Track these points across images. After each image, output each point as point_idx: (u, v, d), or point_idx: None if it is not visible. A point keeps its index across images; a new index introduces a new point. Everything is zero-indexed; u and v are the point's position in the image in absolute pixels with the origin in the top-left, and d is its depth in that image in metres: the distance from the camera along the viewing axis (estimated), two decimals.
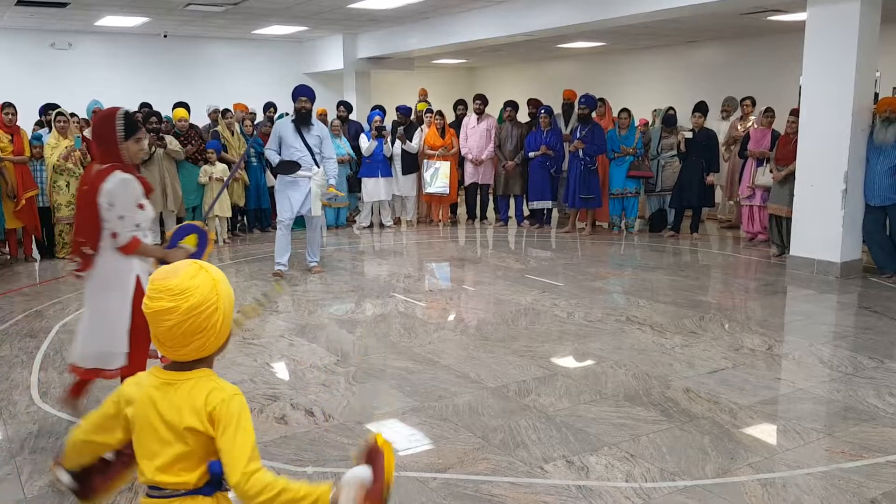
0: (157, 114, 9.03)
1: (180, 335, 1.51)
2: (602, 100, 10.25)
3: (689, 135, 9.14)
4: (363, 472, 1.58)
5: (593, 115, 9.65)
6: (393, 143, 10.24)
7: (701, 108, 9.18)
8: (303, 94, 6.87)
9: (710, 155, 9.08)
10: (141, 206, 3.44)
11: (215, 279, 1.56)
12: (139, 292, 3.36)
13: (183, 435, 1.54)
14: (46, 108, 8.65)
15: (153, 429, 1.56)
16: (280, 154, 6.87)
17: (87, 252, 3.40)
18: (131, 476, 1.77)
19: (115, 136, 3.40)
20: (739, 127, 9.66)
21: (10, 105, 8.04)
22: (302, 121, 6.85)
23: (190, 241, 3.75)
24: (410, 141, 10.24)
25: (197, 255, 3.70)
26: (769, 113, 8.78)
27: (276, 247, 7.16)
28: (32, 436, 3.63)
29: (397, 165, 10.28)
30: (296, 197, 6.89)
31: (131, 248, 3.39)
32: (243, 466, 1.49)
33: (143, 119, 8.93)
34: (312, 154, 6.84)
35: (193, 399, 1.54)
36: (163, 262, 3.31)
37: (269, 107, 10.66)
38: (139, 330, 3.39)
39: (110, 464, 1.77)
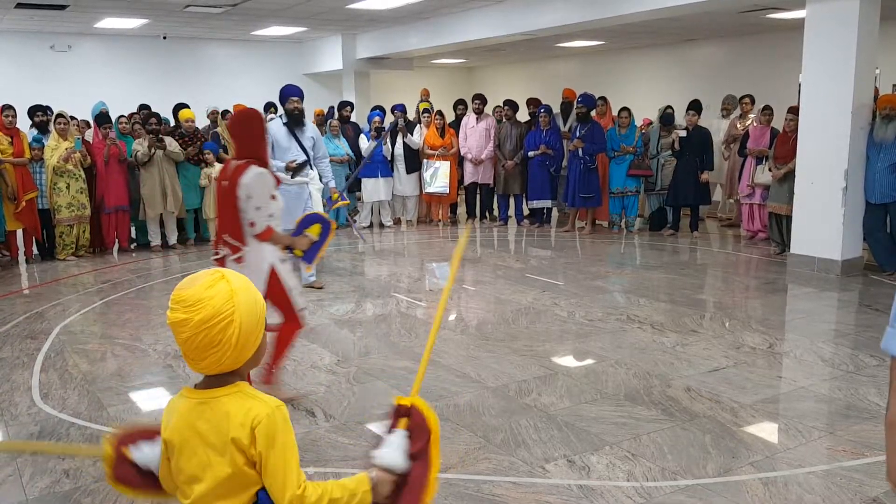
0: (157, 115, 9.03)
1: (195, 348, 1.44)
2: (603, 98, 10.25)
3: (683, 133, 9.15)
4: (397, 445, 1.57)
5: (592, 113, 9.65)
6: (394, 142, 10.23)
7: (695, 107, 9.18)
8: (293, 93, 6.46)
9: (704, 153, 9.08)
10: (273, 198, 3.72)
11: (233, 290, 1.45)
12: (273, 278, 3.76)
13: (228, 451, 1.45)
14: (35, 110, 8.60)
15: (194, 452, 1.48)
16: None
17: (233, 242, 3.72)
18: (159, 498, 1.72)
19: (256, 132, 3.77)
20: (739, 125, 9.65)
21: (10, 107, 8.05)
22: (296, 122, 6.51)
23: (314, 231, 4.05)
24: (412, 135, 10.24)
25: (319, 243, 4.06)
26: (767, 111, 8.78)
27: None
28: (34, 437, 3.63)
29: (400, 165, 10.28)
30: (298, 206, 6.40)
31: (266, 236, 3.71)
32: (294, 488, 1.44)
33: (143, 121, 8.95)
34: (308, 156, 6.53)
35: (233, 414, 1.45)
36: (289, 248, 3.90)
37: (270, 107, 10.67)
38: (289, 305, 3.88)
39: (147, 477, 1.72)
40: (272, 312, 3.77)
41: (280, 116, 6.54)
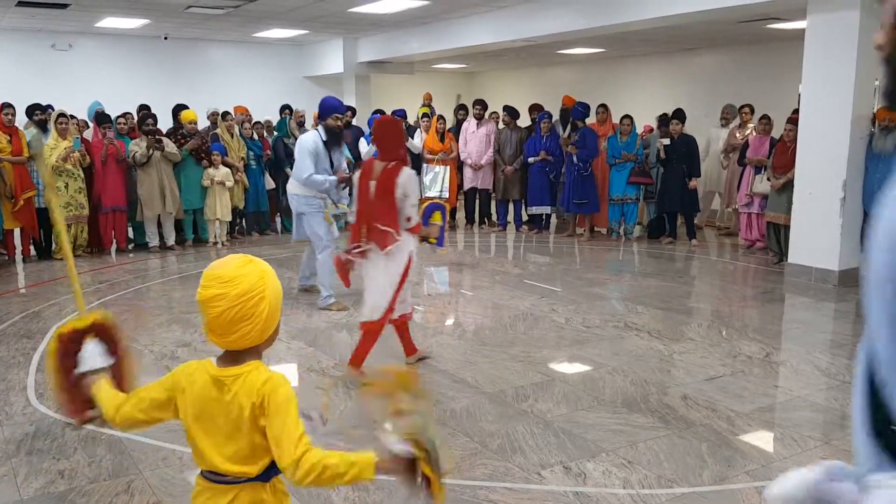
0: (154, 116, 9.03)
1: (228, 322, 1.56)
2: (604, 106, 10.27)
3: (667, 142, 9.17)
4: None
5: (588, 121, 9.69)
6: None
7: (678, 116, 9.22)
8: (337, 109, 5.89)
9: (690, 161, 9.10)
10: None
11: (263, 270, 1.61)
12: (407, 267, 4.29)
13: (250, 427, 1.58)
14: (34, 109, 8.62)
15: (215, 424, 1.61)
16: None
17: (390, 232, 4.17)
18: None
19: (398, 137, 4.34)
20: (738, 135, 9.68)
21: (9, 106, 8.04)
22: (336, 140, 5.97)
23: (437, 218, 4.62)
24: (412, 139, 10.25)
25: (443, 227, 4.70)
26: (765, 120, 8.80)
27: (325, 273, 6.03)
28: (29, 437, 3.62)
29: None
30: (320, 217, 6.12)
31: (417, 229, 4.29)
32: (292, 452, 1.54)
33: (139, 121, 8.95)
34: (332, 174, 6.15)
35: (248, 391, 1.58)
36: (424, 238, 4.59)
37: (285, 108, 10.65)
38: (396, 293, 4.30)
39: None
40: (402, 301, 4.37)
41: (317, 130, 6.02)
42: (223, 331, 1.58)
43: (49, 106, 8.72)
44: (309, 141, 5.94)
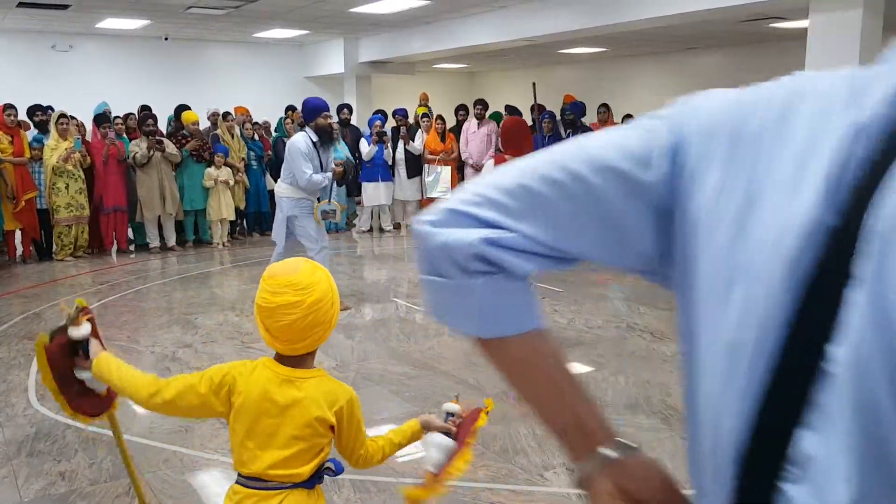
0: (154, 116, 9.02)
1: (300, 329, 1.56)
2: (605, 106, 10.25)
3: None
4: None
5: (584, 120, 9.69)
6: (395, 147, 10.23)
7: None
8: (325, 107, 5.93)
9: None
10: None
11: (328, 275, 1.64)
12: None
13: (311, 427, 1.60)
14: (34, 110, 8.63)
15: (273, 425, 1.60)
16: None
17: None
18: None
19: (528, 136, 5.06)
20: None
21: (11, 106, 8.05)
22: (329, 140, 6.00)
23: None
24: (413, 141, 10.24)
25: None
26: None
27: None
28: (29, 439, 3.61)
29: (401, 169, 10.27)
30: (310, 218, 6.11)
31: None
32: (358, 454, 1.73)
33: (140, 122, 8.94)
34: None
35: (321, 400, 1.62)
36: None
37: (290, 109, 10.64)
38: None
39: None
40: None
41: (305, 131, 5.94)
42: (293, 337, 1.58)
43: (49, 107, 8.71)
44: (300, 143, 5.84)
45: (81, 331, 1.81)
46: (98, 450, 3.49)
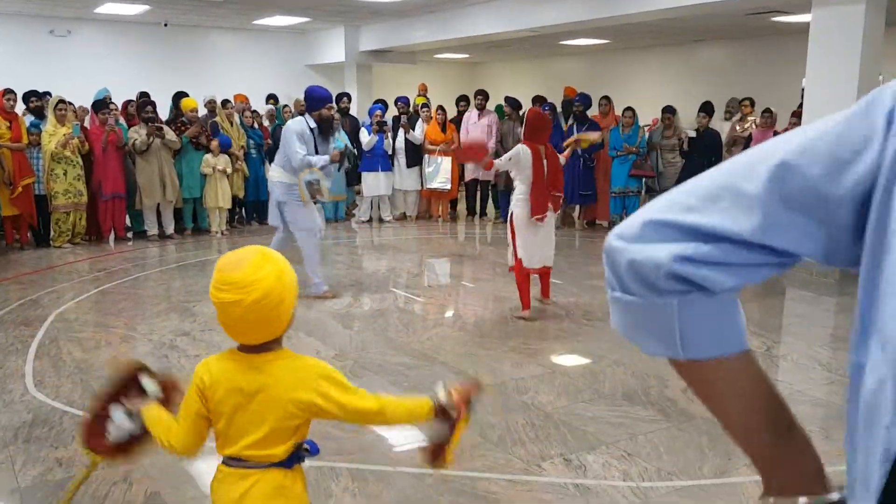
0: (153, 103, 8.98)
1: (247, 324, 1.55)
2: (607, 98, 10.22)
3: (693, 133, 9.11)
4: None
5: (587, 112, 9.66)
6: (395, 136, 10.20)
7: (706, 109, 9.13)
8: (329, 98, 5.91)
9: (713, 155, 9.04)
10: None
11: (279, 270, 1.57)
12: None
13: (283, 409, 1.59)
14: (30, 95, 8.60)
15: (246, 411, 1.60)
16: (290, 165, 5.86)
17: (562, 196, 5.63)
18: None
19: (550, 126, 5.64)
20: (738, 128, 9.63)
21: (10, 91, 8.02)
22: (330, 131, 5.99)
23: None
24: (413, 130, 10.22)
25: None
26: (767, 114, 8.75)
27: (313, 263, 6.03)
28: (26, 425, 3.61)
29: (401, 159, 10.24)
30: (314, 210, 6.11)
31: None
32: (362, 411, 1.65)
33: (138, 108, 8.90)
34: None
35: (295, 379, 1.60)
36: None
37: (271, 98, 10.62)
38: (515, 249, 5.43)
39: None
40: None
41: (304, 117, 5.94)
42: (243, 331, 1.59)
43: (47, 93, 8.67)
44: (296, 124, 5.83)
45: (153, 387, 1.79)
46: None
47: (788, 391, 4.16)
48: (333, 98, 6.07)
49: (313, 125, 5.87)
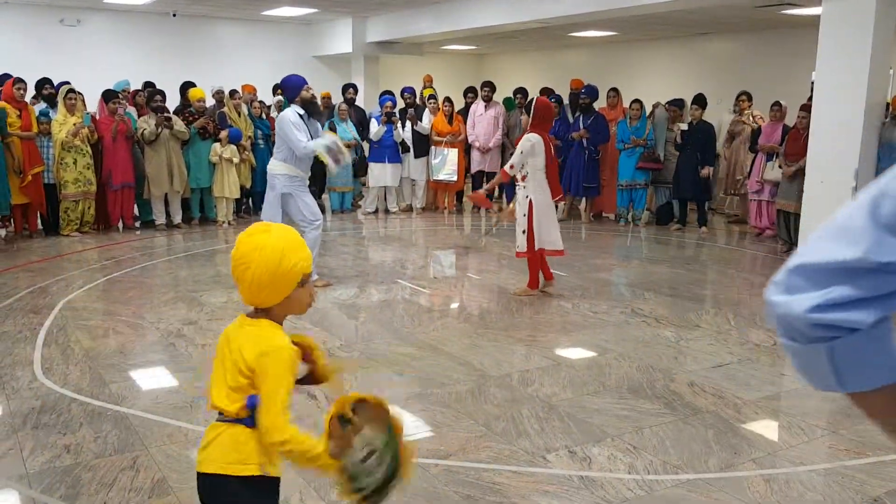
0: (161, 92, 8.99)
1: (235, 279, 1.78)
2: (615, 90, 10.18)
3: (685, 127, 9.08)
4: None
5: (594, 105, 9.64)
6: (403, 127, 10.19)
7: (699, 101, 9.10)
8: (304, 81, 6.04)
9: (705, 148, 9.01)
10: None
11: (263, 244, 1.72)
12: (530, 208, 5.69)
13: (236, 367, 1.74)
14: (43, 83, 8.63)
15: (221, 361, 1.79)
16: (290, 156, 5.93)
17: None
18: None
19: (553, 117, 6.22)
20: (738, 122, 9.58)
21: (21, 80, 8.04)
22: (317, 112, 6.09)
23: None
24: (420, 121, 10.20)
25: None
26: (776, 107, 8.70)
27: (314, 255, 5.75)
28: (35, 411, 3.63)
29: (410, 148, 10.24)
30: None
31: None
32: (273, 417, 1.69)
33: (147, 98, 8.91)
34: None
35: (248, 343, 1.75)
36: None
37: (278, 88, 10.60)
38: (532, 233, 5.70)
39: None
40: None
41: (291, 107, 5.98)
42: (247, 292, 1.78)
43: (65, 83, 8.66)
44: (290, 115, 5.89)
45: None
46: (103, 423, 3.51)
47: (795, 386, 4.15)
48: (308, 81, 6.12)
49: (301, 111, 5.94)
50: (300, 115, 5.93)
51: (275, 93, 10.61)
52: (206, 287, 6.15)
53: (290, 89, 6.05)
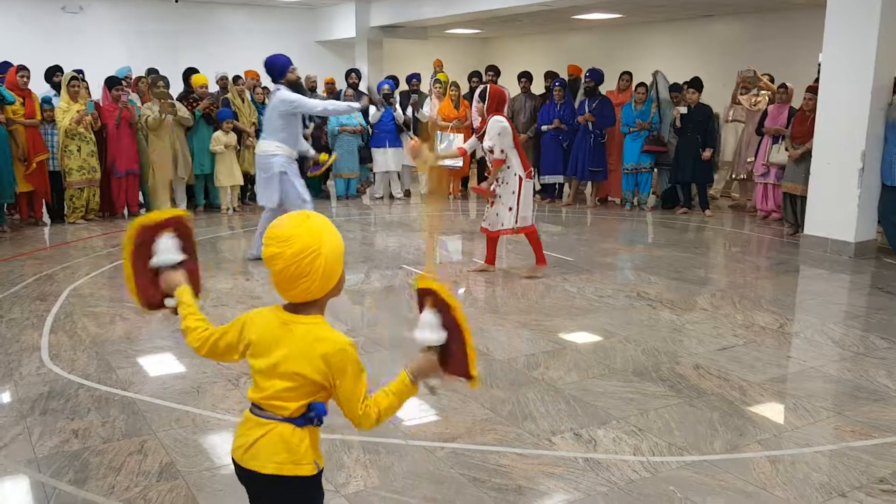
0: (164, 78, 8.97)
1: (287, 278, 1.65)
2: (628, 73, 10.07)
3: (684, 110, 9.02)
4: (429, 322, 1.83)
5: (600, 88, 9.58)
6: (405, 110, 10.15)
7: (695, 85, 9.04)
8: (290, 61, 6.08)
9: (705, 130, 8.96)
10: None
11: (319, 227, 1.67)
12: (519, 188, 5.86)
13: (292, 377, 1.69)
14: (54, 71, 8.63)
15: (270, 363, 1.71)
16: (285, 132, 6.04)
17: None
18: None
19: (506, 100, 6.43)
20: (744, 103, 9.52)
21: (24, 68, 8.03)
22: (301, 92, 6.17)
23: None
24: (422, 108, 10.16)
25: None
26: (782, 89, 8.64)
27: None
28: (43, 397, 3.66)
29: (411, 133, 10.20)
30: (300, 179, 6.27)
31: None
32: (357, 410, 1.71)
33: (150, 84, 8.89)
34: (305, 124, 6.44)
35: (306, 346, 1.68)
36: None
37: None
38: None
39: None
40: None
41: (280, 88, 6.03)
42: (285, 286, 1.68)
43: (80, 71, 8.66)
44: (286, 93, 5.98)
45: (163, 258, 2.04)
46: (111, 408, 3.53)
47: (801, 368, 4.15)
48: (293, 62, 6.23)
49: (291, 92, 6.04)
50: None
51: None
52: (211, 273, 6.16)
53: (276, 71, 6.05)
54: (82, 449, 3.12)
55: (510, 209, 5.85)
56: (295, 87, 6.13)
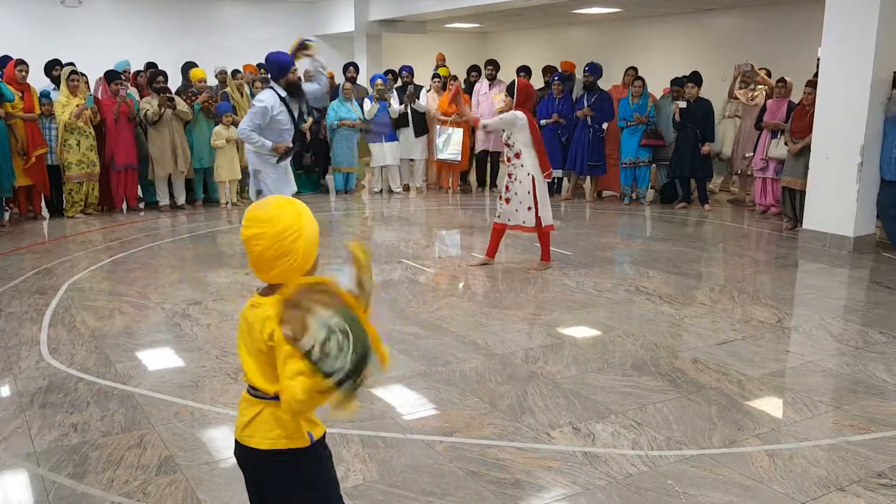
0: (164, 73, 8.95)
1: (268, 259, 1.69)
2: (634, 68, 10.03)
3: (683, 105, 9.01)
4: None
5: (599, 83, 9.57)
6: (401, 103, 10.13)
7: (695, 79, 9.03)
8: (293, 63, 5.84)
9: (704, 125, 8.96)
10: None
11: (299, 210, 1.73)
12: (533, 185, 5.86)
13: (257, 356, 1.73)
14: (54, 65, 8.62)
15: (244, 343, 1.77)
16: (262, 136, 5.82)
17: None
18: None
19: (533, 95, 6.42)
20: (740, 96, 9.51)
21: (23, 62, 8.02)
22: (299, 94, 5.98)
23: None
24: (418, 99, 10.14)
25: None
26: (781, 83, 8.62)
27: None
28: (42, 391, 3.66)
29: (408, 128, 10.18)
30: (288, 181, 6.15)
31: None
32: (281, 386, 1.65)
33: (149, 79, 8.87)
34: (297, 127, 6.14)
35: (259, 325, 1.70)
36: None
37: (262, 67, 10.53)
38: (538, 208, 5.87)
39: None
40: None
41: (272, 87, 5.86)
42: (265, 267, 1.72)
43: (71, 64, 8.63)
44: (268, 98, 5.76)
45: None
46: (110, 402, 3.53)
47: (800, 362, 4.16)
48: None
49: (283, 93, 5.82)
50: (282, 98, 5.81)
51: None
52: (211, 267, 6.16)
53: (277, 70, 5.85)
54: (81, 443, 3.13)
55: (529, 209, 5.86)
56: (292, 88, 5.85)
